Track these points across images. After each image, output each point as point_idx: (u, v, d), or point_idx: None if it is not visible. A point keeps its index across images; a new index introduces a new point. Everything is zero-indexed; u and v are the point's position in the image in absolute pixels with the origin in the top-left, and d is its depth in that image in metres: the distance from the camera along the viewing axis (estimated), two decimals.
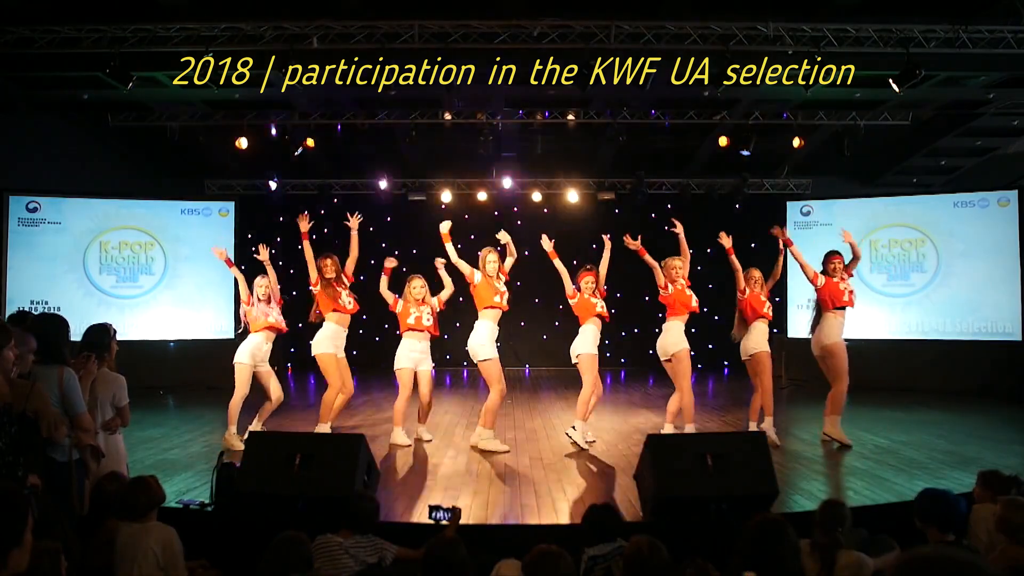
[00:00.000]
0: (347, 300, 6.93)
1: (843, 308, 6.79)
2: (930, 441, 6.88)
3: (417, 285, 6.91)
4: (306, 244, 7.05)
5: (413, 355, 6.84)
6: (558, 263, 6.78)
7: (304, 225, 7.07)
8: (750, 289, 6.96)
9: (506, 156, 13.08)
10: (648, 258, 6.84)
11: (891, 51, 8.34)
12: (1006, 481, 3.84)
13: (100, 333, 4.38)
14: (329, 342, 6.84)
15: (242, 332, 7.11)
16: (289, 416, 7.81)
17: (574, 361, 6.75)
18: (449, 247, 6.77)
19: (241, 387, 6.70)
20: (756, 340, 6.85)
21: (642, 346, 14.31)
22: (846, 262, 6.94)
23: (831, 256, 6.96)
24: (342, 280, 6.99)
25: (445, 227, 6.82)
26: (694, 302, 6.83)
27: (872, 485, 5.28)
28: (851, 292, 6.82)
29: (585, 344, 6.67)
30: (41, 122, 11.01)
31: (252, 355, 6.78)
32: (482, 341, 6.56)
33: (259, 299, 6.94)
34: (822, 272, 6.90)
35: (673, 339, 6.75)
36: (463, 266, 6.77)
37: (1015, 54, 8.33)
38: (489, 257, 6.77)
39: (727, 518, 4.18)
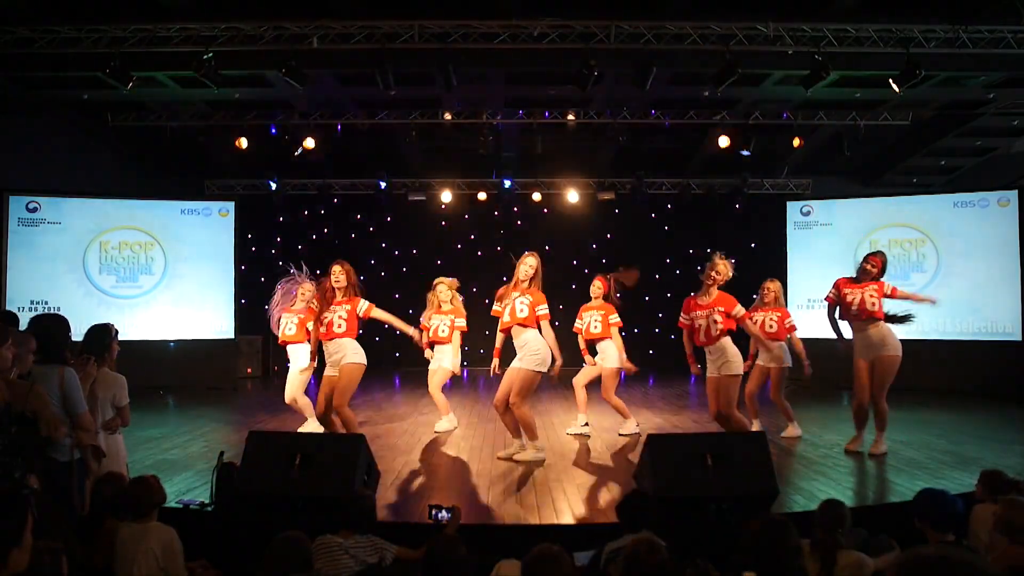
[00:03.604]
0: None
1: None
2: (930, 441, 6.88)
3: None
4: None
5: None
6: None
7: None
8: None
9: (506, 156, 13.08)
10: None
11: (891, 51, 8.34)
12: (1008, 484, 3.83)
13: (100, 334, 4.37)
14: None
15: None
16: (290, 416, 7.80)
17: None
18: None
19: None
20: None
21: (642, 346, 14.33)
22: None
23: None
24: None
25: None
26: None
27: (872, 485, 5.29)
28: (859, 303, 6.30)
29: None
30: (41, 122, 11.01)
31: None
32: None
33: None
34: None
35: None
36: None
37: (1015, 54, 8.33)
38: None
39: (727, 518, 4.18)
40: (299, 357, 7.38)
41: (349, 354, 5.96)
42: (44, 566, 2.31)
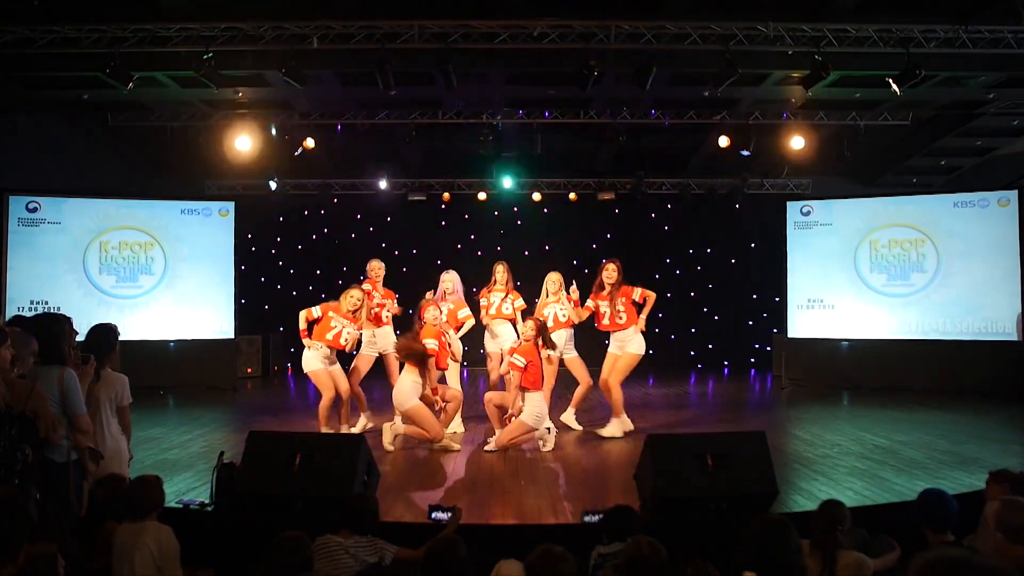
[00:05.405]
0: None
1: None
2: (930, 441, 6.88)
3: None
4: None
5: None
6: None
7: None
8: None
9: (506, 156, 13.08)
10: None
11: (891, 51, 8.33)
12: (1018, 478, 3.81)
13: (104, 334, 4.37)
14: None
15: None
16: (291, 416, 7.80)
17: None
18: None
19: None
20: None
21: None
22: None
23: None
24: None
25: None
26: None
27: (872, 485, 5.29)
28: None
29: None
30: (41, 122, 10.99)
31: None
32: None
33: None
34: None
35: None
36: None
37: (1015, 54, 8.32)
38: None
39: (727, 518, 4.18)
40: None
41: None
42: (40, 569, 2.30)
